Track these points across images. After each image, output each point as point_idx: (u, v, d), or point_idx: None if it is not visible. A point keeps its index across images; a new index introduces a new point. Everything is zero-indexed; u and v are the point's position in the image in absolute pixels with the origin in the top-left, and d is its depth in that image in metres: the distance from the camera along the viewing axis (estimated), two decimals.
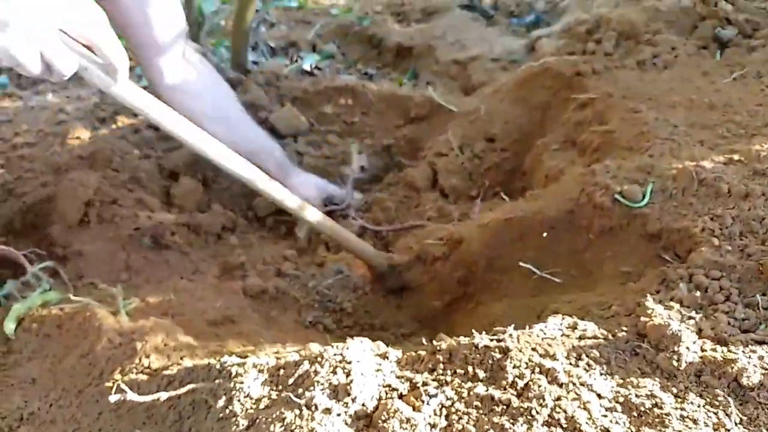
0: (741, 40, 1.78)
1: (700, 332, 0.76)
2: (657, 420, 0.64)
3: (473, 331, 0.84)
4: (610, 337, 0.78)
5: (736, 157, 1.08)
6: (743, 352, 0.71)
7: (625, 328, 0.80)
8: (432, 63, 2.76)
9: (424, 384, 0.74)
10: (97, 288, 1.38)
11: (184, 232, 1.74)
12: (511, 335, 0.79)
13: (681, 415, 0.64)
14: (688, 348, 0.72)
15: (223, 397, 0.79)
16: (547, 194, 1.26)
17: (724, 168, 1.05)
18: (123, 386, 0.86)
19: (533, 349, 0.76)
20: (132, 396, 0.83)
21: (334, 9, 3.25)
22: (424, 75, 2.74)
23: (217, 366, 0.86)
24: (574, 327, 0.81)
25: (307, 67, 2.53)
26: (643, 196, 1.06)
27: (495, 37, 2.64)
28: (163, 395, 0.85)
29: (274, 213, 1.93)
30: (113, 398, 0.82)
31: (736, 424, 0.63)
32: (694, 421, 0.63)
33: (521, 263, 1.18)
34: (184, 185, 1.86)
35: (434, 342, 0.84)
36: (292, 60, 2.57)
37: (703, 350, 0.73)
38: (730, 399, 0.65)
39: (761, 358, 0.69)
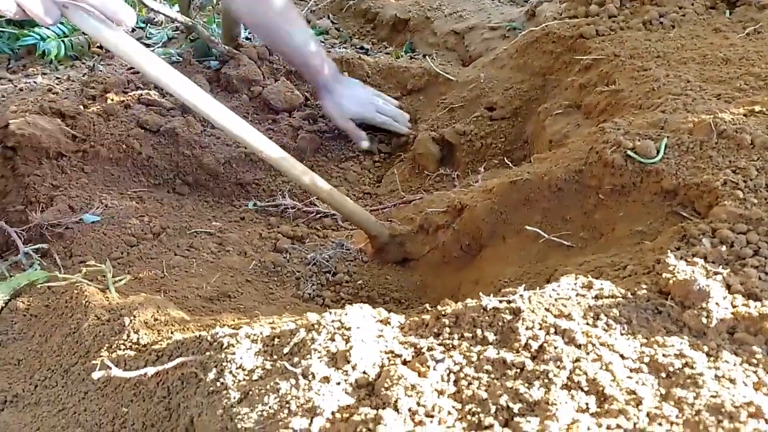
0: None
1: (729, 288, 0.70)
2: (689, 380, 0.58)
3: (480, 294, 0.78)
4: (630, 295, 0.72)
5: (757, 108, 1.01)
6: None
7: (645, 286, 0.74)
8: (429, 35, 2.68)
9: (430, 349, 0.69)
10: (87, 266, 1.33)
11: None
12: (521, 296, 0.73)
13: (715, 375, 0.59)
14: (717, 304, 0.66)
15: (214, 370, 0.74)
16: (555, 156, 1.19)
17: (745, 119, 0.99)
18: (107, 362, 0.80)
19: (546, 310, 0.71)
20: (117, 372, 0.77)
21: None
22: (421, 48, 2.66)
23: (208, 338, 0.80)
24: (589, 286, 0.75)
25: None
26: (657, 152, 0.99)
27: (493, 6, 2.56)
28: (150, 370, 0.79)
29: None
30: (97, 375, 0.77)
31: None
32: (731, 381, 0.58)
33: (528, 227, 1.12)
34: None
35: (439, 307, 0.78)
36: None
37: (734, 306, 0.67)
38: None
39: None
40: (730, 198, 0.85)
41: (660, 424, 0.54)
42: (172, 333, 0.95)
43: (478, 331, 0.69)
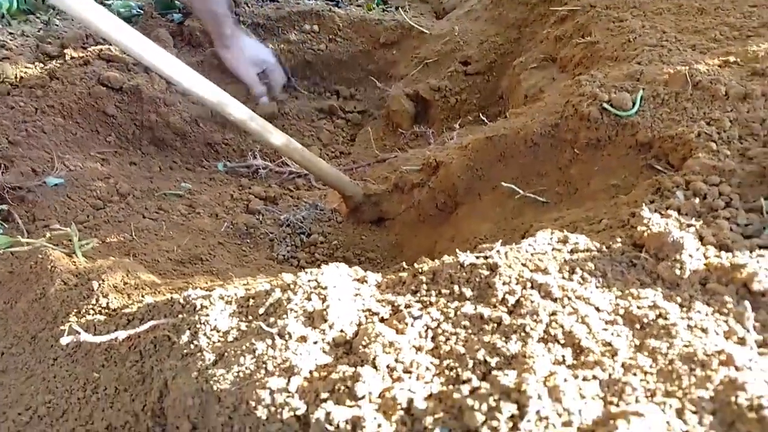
0: None
1: (701, 239, 0.70)
2: (663, 331, 0.59)
3: (457, 250, 0.77)
4: (605, 249, 0.72)
5: (732, 59, 1.01)
6: (750, 257, 0.65)
7: (619, 240, 0.74)
8: None
9: (407, 306, 0.68)
10: (51, 230, 1.28)
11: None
12: (498, 251, 0.72)
13: (688, 325, 0.59)
14: (691, 255, 0.66)
15: (187, 332, 0.72)
16: (530, 110, 1.18)
17: (720, 70, 0.98)
18: (76, 327, 0.78)
19: (523, 265, 0.70)
20: (86, 337, 0.75)
21: None
22: (393, 0, 2.58)
23: (180, 300, 0.78)
24: (564, 241, 0.75)
25: None
26: (633, 104, 0.99)
27: None
28: (122, 334, 0.77)
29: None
30: (65, 340, 0.74)
31: (752, 331, 0.58)
32: (703, 330, 0.58)
33: (504, 184, 1.12)
34: None
35: (416, 264, 0.77)
36: None
37: (706, 257, 0.67)
38: (743, 305, 0.60)
39: None
40: (704, 150, 0.85)
41: (635, 374, 0.55)
42: (142, 296, 0.93)
43: (456, 287, 0.69)
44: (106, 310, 0.90)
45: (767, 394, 0.49)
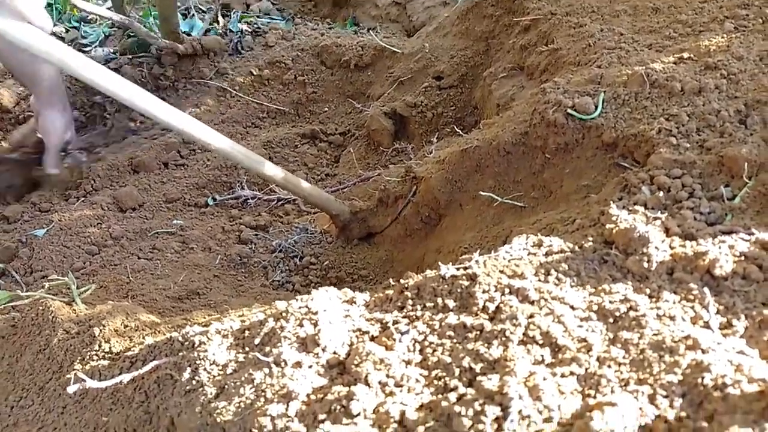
0: None
1: (667, 231, 0.74)
2: (634, 323, 0.62)
3: (439, 263, 0.81)
4: (577, 249, 0.76)
5: (686, 55, 1.06)
6: (713, 243, 0.69)
7: (591, 238, 0.78)
8: (371, 8, 2.67)
9: (395, 322, 0.72)
10: (49, 280, 1.31)
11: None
12: (477, 261, 0.76)
13: (657, 315, 0.63)
14: (657, 248, 0.70)
15: (188, 369, 0.75)
16: (501, 120, 1.22)
17: (675, 67, 1.03)
18: (81, 375, 0.81)
19: (501, 272, 0.74)
20: (92, 383, 0.78)
21: None
22: (364, 21, 2.65)
23: (179, 338, 0.81)
24: (539, 244, 0.79)
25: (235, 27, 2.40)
26: (596, 107, 1.03)
27: None
28: (126, 377, 0.80)
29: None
30: (72, 389, 0.77)
31: (713, 315, 0.61)
32: (671, 318, 0.62)
33: (482, 193, 1.16)
34: None
35: (402, 280, 0.81)
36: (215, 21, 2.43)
37: (672, 247, 0.71)
38: (705, 291, 0.64)
39: (731, 246, 0.68)
40: (665, 145, 0.89)
41: (609, 366, 0.58)
42: (143, 338, 0.96)
43: (439, 300, 0.72)
44: (109, 355, 0.93)
45: (730, 373, 0.53)
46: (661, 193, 0.82)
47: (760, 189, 0.76)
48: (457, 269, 0.76)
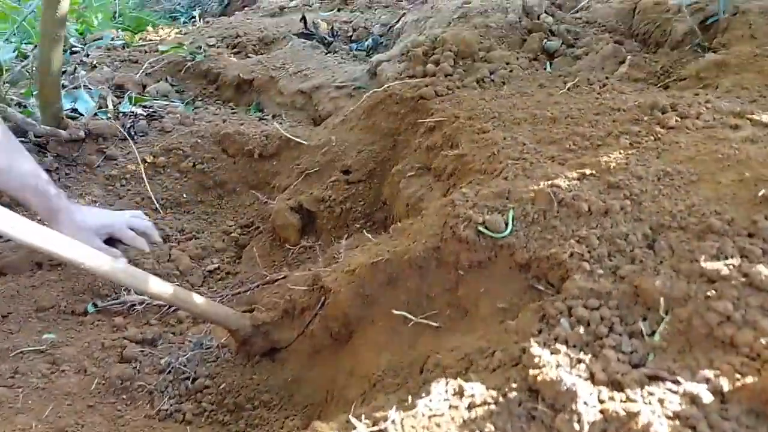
0: (566, 49, 1.87)
1: (592, 377, 0.70)
2: None
3: (350, 417, 0.71)
4: (501, 399, 0.69)
5: (587, 171, 1.07)
6: (642, 397, 0.65)
7: (515, 384, 0.72)
8: (276, 95, 2.62)
9: None
10: None
11: None
12: (393, 421, 0.67)
13: None
14: (586, 403, 0.65)
15: None
16: (412, 230, 1.18)
17: (579, 184, 1.04)
18: None
19: None
20: None
21: (162, 45, 2.99)
22: (269, 108, 2.60)
23: None
24: (461, 393, 0.72)
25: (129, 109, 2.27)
26: (506, 225, 1.01)
27: (336, 64, 2.57)
28: None
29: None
30: None
31: None
32: None
33: (395, 311, 1.08)
34: None
35: None
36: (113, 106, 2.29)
37: (601, 401, 0.66)
38: None
39: (661, 401, 0.64)
40: (579, 271, 0.87)
41: None
42: None
43: None
44: None
45: None
46: (581, 328, 0.78)
47: (677, 326, 0.75)
48: (370, 428, 0.67)
